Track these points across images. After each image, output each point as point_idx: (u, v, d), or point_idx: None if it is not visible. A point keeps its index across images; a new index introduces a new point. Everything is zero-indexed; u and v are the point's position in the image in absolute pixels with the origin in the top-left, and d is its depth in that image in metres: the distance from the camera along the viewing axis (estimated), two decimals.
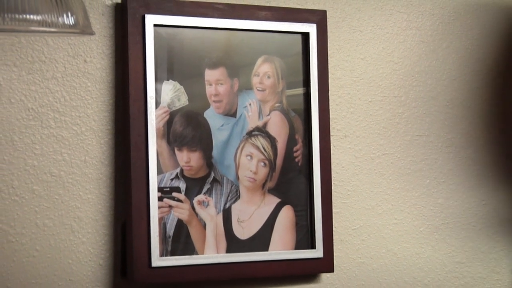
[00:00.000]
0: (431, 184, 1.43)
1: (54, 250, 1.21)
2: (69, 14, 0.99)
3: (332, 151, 1.35)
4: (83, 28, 1.02)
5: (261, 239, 1.30)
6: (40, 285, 1.20)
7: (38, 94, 1.20)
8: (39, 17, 0.97)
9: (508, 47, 1.48)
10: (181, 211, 1.25)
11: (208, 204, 1.27)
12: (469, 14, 1.45)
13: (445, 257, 1.44)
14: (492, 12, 1.47)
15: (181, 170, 1.26)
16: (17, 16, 0.95)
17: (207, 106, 1.27)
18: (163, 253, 1.24)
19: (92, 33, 1.05)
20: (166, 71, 1.25)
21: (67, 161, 1.22)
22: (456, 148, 1.45)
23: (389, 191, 1.40)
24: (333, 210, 1.35)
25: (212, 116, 1.28)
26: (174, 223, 1.25)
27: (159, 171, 1.24)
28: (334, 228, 1.35)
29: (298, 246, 1.32)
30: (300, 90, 1.33)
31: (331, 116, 1.35)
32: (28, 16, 0.96)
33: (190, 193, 1.26)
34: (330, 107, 1.35)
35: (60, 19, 0.98)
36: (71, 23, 0.99)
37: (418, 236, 1.42)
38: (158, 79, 1.24)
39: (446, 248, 1.44)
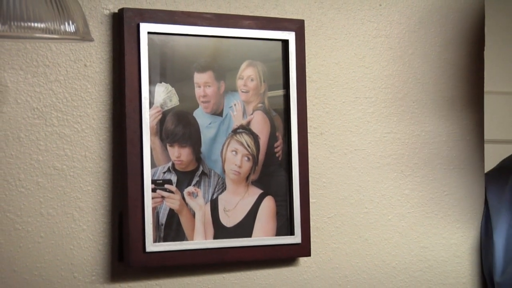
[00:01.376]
0: (398, 176, 1.43)
1: (57, 237, 1.20)
2: (70, 22, 0.99)
3: (309, 147, 1.35)
4: (83, 35, 1.02)
5: (245, 227, 1.30)
6: (44, 269, 1.20)
7: (42, 95, 1.19)
8: (42, 25, 0.96)
9: (467, 52, 1.49)
10: (172, 201, 1.25)
11: (197, 195, 1.27)
12: (432, 23, 1.45)
13: (411, 242, 1.44)
14: (453, 22, 1.47)
15: (173, 164, 1.25)
16: (22, 24, 0.95)
17: (196, 106, 1.27)
18: (156, 239, 1.23)
19: (91, 40, 1.05)
20: (159, 75, 1.25)
21: (69, 156, 1.21)
22: (421, 144, 1.45)
23: (360, 183, 1.40)
24: (310, 200, 1.35)
25: (201, 115, 1.27)
26: (166, 212, 1.25)
27: (153, 165, 1.23)
28: (311, 217, 1.35)
29: (279, 233, 1.32)
30: (280, 92, 1.33)
31: (308, 115, 1.35)
32: (32, 24, 0.96)
33: (181, 185, 1.26)
34: (308, 107, 1.35)
35: (62, 27, 0.98)
36: (72, 31, 0.99)
37: (386, 224, 1.42)
38: (151, 82, 1.24)
39: (412, 234, 1.44)
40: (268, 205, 1.31)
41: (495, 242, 1.46)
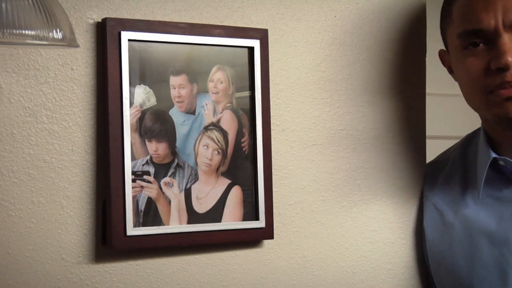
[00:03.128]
0: (351, 168, 1.43)
1: (47, 223, 1.19)
2: (58, 30, 0.98)
3: (272, 142, 1.35)
4: (70, 42, 1.01)
5: (215, 213, 1.29)
6: (35, 251, 1.18)
7: (33, 95, 1.18)
8: (33, 32, 0.96)
9: (410, 58, 1.50)
10: (150, 191, 1.24)
11: (172, 185, 1.26)
12: (380, 33, 1.46)
13: (362, 226, 1.44)
14: (398, 32, 1.48)
15: (151, 158, 1.24)
16: (14, 31, 0.94)
17: (172, 105, 1.26)
18: (136, 224, 1.23)
19: (77, 46, 1.04)
20: (138, 77, 1.24)
21: (57, 150, 1.20)
22: (371, 140, 1.46)
23: (317, 174, 1.40)
24: (273, 189, 1.34)
25: (176, 114, 1.27)
26: (145, 200, 1.24)
27: (133, 158, 1.22)
28: (274, 204, 1.34)
29: (245, 218, 1.31)
30: (246, 93, 1.32)
31: (271, 114, 1.34)
32: (24, 31, 0.95)
33: (158, 176, 1.25)
34: (271, 107, 1.34)
35: (50, 34, 0.97)
36: (59, 37, 0.99)
37: (340, 210, 1.42)
38: (131, 84, 1.23)
39: (363, 219, 1.45)
40: (236, 194, 1.31)
41: (425, 228, 1.47)
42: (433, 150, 1.58)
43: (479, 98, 1.34)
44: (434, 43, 1.54)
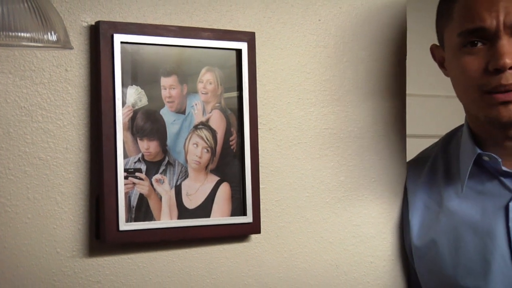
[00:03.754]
0: (335, 165, 1.44)
1: (42, 218, 1.19)
2: (53, 32, 0.98)
3: (259, 141, 1.35)
4: (64, 44, 1.01)
5: (205, 209, 1.29)
6: (31, 245, 1.18)
7: (29, 95, 1.18)
8: (28, 35, 0.96)
9: (391, 61, 1.50)
10: (142, 187, 1.24)
11: (163, 182, 1.26)
12: (363, 36, 1.47)
13: (345, 221, 1.45)
14: (380, 35, 1.48)
15: (142, 155, 1.24)
16: (11, 33, 0.94)
17: (163, 105, 1.26)
18: (128, 220, 1.22)
19: (71, 48, 1.04)
20: (130, 78, 1.23)
21: (52, 148, 1.19)
22: (353, 138, 1.46)
23: (302, 171, 1.40)
24: (260, 186, 1.34)
25: (167, 114, 1.26)
26: (137, 196, 1.24)
27: (125, 156, 1.22)
28: (261, 200, 1.34)
29: (233, 213, 1.31)
30: (234, 94, 1.32)
31: (258, 114, 1.35)
32: (19, 34, 0.95)
33: (149, 173, 1.25)
34: (258, 106, 1.34)
35: (45, 36, 0.97)
36: (54, 40, 0.98)
37: (325, 206, 1.43)
38: (124, 84, 1.22)
39: (346, 214, 1.45)
40: (224, 190, 1.31)
41: (411, 221, 1.48)
42: (413, 148, 1.58)
43: (473, 97, 1.33)
44: (414, 45, 1.55)
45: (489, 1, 1.28)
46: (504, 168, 1.37)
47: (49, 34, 0.98)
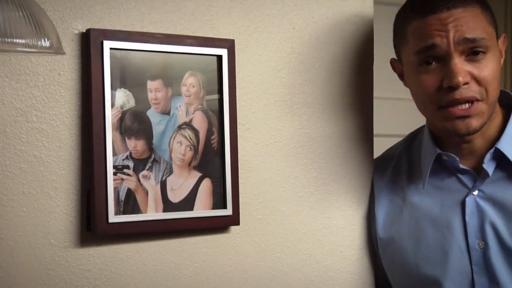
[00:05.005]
0: (308, 162, 1.44)
1: (37, 211, 1.18)
2: (46, 39, 0.98)
3: (238, 140, 1.35)
4: (57, 49, 1.00)
5: (188, 202, 1.29)
6: (26, 237, 1.17)
7: (24, 97, 1.17)
8: (23, 41, 0.95)
9: (360, 66, 1.51)
10: (130, 183, 1.24)
11: (149, 177, 1.26)
12: (334, 43, 1.47)
13: (317, 213, 1.45)
14: (349, 42, 1.49)
15: (130, 153, 1.24)
16: (6, 39, 0.94)
17: (149, 107, 1.26)
18: (117, 213, 1.22)
19: (63, 53, 1.04)
20: (119, 82, 1.23)
21: (46, 146, 1.19)
22: (325, 138, 1.47)
23: (278, 167, 1.41)
24: (239, 181, 1.35)
25: (153, 115, 1.26)
26: (125, 191, 1.23)
27: (114, 153, 1.22)
28: (240, 194, 1.35)
29: (215, 207, 1.31)
30: (215, 96, 1.32)
31: (237, 115, 1.35)
32: (15, 40, 0.95)
33: (137, 170, 1.24)
34: (237, 108, 1.35)
35: (39, 42, 0.97)
36: (47, 46, 0.98)
37: (299, 199, 1.43)
38: (113, 87, 1.22)
39: (318, 207, 1.45)
40: (206, 185, 1.31)
41: (376, 215, 1.48)
42: (380, 147, 1.59)
43: (430, 110, 1.35)
44: (380, 52, 1.55)
45: (439, 21, 1.29)
46: (461, 166, 1.39)
47: (43, 40, 0.97)
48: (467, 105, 1.30)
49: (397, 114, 2.47)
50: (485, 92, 1.31)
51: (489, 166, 1.36)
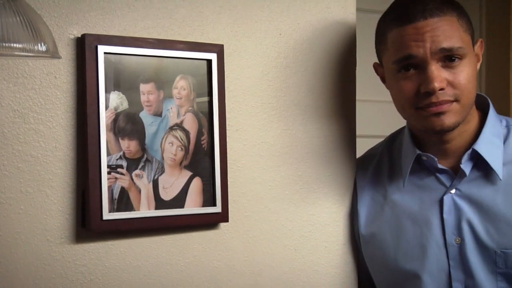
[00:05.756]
0: (294, 162, 1.44)
1: (34, 209, 1.17)
2: (43, 43, 0.97)
3: (227, 140, 1.35)
4: (53, 54, 1.00)
5: (179, 200, 1.29)
6: (23, 234, 1.17)
7: (22, 100, 1.16)
8: (20, 45, 0.95)
9: (343, 70, 1.51)
10: (123, 181, 1.23)
11: (142, 176, 1.25)
12: (319, 48, 1.47)
13: (302, 211, 1.46)
14: (333, 47, 1.49)
15: (123, 153, 1.23)
16: (4, 44, 0.94)
17: (141, 109, 1.25)
18: (111, 210, 1.21)
19: (59, 57, 1.03)
20: (113, 85, 1.23)
21: (43, 146, 1.18)
22: (310, 138, 1.47)
23: (265, 167, 1.41)
24: (228, 180, 1.35)
25: (145, 116, 1.26)
26: (119, 189, 1.23)
27: (108, 153, 1.21)
28: (229, 192, 1.35)
29: (205, 204, 1.31)
30: (205, 99, 1.32)
31: (226, 116, 1.35)
32: (12, 44, 0.94)
33: (130, 169, 1.24)
34: (226, 110, 1.35)
35: (36, 46, 0.96)
36: (44, 50, 0.98)
37: (285, 197, 1.43)
38: (107, 90, 1.22)
39: (303, 205, 1.46)
40: (196, 184, 1.31)
41: (359, 212, 1.49)
42: (362, 147, 1.60)
43: (409, 113, 1.36)
44: (363, 57, 1.56)
45: (416, 31, 1.30)
46: (439, 166, 1.39)
47: (39, 45, 0.97)
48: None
49: (378, 116, 2.47)
50: (460, 94, 1.32)
51: (466, 166, 1.37)
